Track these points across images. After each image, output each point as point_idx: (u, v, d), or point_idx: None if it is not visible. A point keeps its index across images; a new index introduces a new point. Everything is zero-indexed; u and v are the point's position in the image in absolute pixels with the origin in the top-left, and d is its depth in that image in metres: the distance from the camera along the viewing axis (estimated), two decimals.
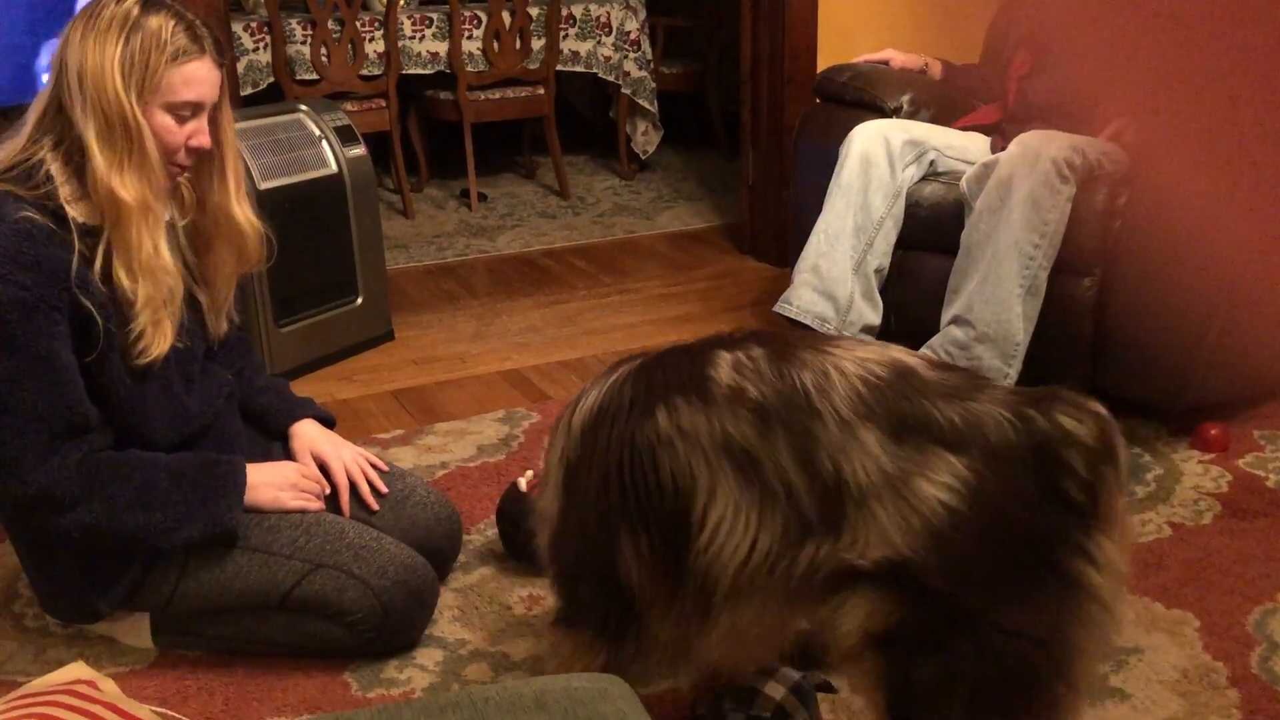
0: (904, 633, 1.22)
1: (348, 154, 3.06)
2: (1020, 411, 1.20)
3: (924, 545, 1.18)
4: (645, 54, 4.98)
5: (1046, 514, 1.18)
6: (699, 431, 1.27)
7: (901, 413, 1.21)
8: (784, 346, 1.31)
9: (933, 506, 1.18)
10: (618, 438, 1.33)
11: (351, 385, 3.00)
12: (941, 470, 1.18)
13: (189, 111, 1.70)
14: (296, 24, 4.25)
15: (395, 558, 1.85)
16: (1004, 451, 1.18)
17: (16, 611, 2.01)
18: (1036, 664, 1.20)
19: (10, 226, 1.60)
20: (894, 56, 3.12)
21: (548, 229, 4.43)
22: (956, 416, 1.20)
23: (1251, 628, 1.86)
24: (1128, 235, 2.41)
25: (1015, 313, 2.45)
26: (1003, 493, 1.18)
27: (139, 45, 1.64)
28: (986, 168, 2.54)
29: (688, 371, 1.31)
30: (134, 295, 1.67)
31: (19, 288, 1.59)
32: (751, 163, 3.87)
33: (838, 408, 1.23)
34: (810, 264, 2.75)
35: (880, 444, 1.20)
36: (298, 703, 1.76)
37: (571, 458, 1.39)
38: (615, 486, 1.33)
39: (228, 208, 1.83)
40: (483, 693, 1.03)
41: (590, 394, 1.40)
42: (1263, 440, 2.49)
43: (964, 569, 1.18)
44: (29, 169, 1.66)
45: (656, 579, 1.34)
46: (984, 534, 1.17)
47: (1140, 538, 2.14)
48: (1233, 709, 1.67)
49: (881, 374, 1.25)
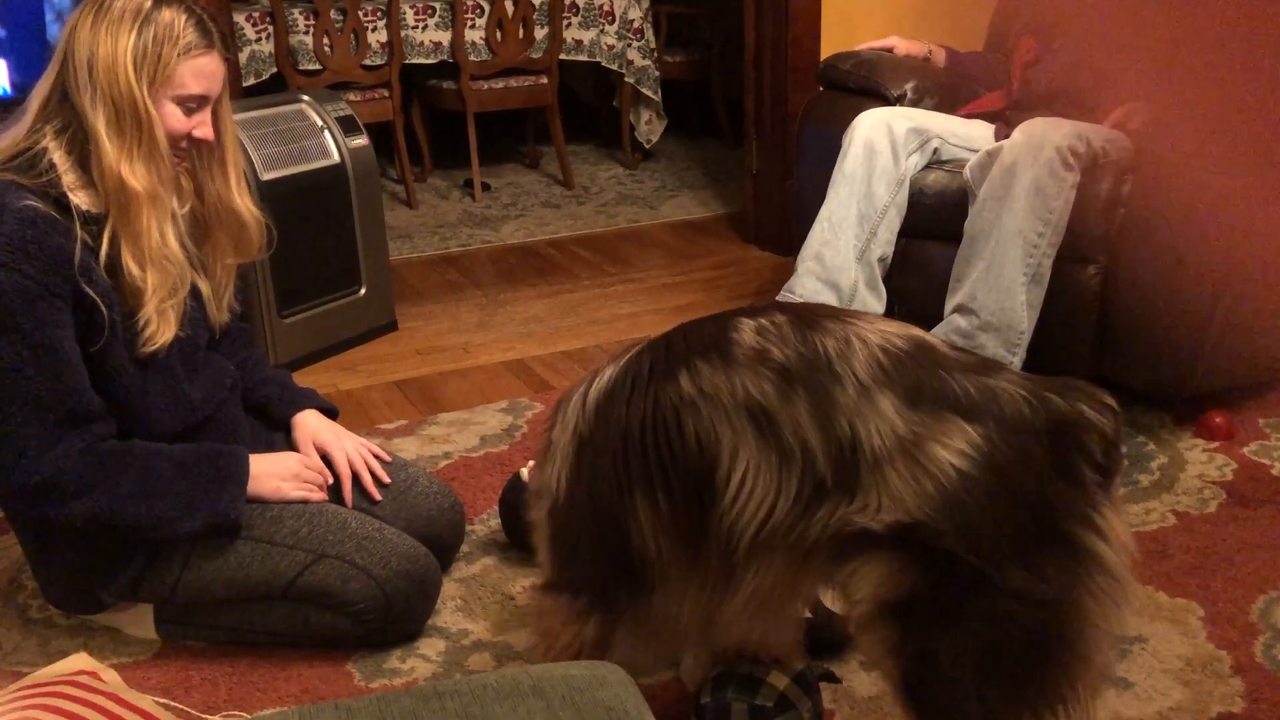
0: (917, 602, 1.23)
1: (350, 144, 3.05)
2: (1037, 393, 1.23)
3: (936, 508, 1.19)
4: (648, 42, 4.96)
5: (1058, 487, 1.20)
6: (720, 392, 1.27)
7: (919, 381, 1.23)
8: (808, 314, 1.32)
9: (945, 470, 1.19)
10: (638, 402, 1.32)
11: (355, 376, 3.00)
12: (956, 436, 1.20)
13: (195, 104, 1.73)
14: (299, 14, 4.25)
15: (398, 548, 1.85)
16: (1017, 424, 1.20)
17: (20, 603, 2.02)
18: (1045, 629, 1.20)
19: (13, 215, 1.61)
20: (897, 44, 3.11)
21: (551, 219, 4.43)
22: (973, 388, 1.22)
23: (1256, 616, 1.85)
24: (1132, 223, 2.40)
25: (1019, 301, 2.44)
26: (1014, 462, 1.19)
27: (152, 37, 1.66)
28: (990, 155, 2.53)
29: (710, 335, 1.32)
30: (143, 284, 1.69)
31: (22, 276, 1.59)
32: (755, 151, 3.86)
33: (857, 373, 1.24)
34: (814, 252, 2.74)
35: (896, 409, 1.22)
36: (300, 692, 1.77)
37: (584, 432, 1.38)
38: (636, 451, 1.32)
39: (228, 198, 1.84)
40: (481, 680, 1.03)
41: (606, 371, 1.40)
42: (1268, 428, 2.48)
43: (974, 532, 1.19)
44: (31, 158, 1.66)
45: (678, 543, 1.33)
46: (995, 499, 1.19)
47: (1145, 526, 2.13)
48: (1236, 697, 1.67)
49: (902, 345, 1.26)
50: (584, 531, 1.40)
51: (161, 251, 1.70)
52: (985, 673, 1.23)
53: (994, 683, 1.23)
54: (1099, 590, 1.21)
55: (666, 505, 1.31)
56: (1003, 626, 1.21)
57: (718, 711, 1.52)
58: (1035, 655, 1.22)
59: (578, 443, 1.39)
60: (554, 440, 1.44)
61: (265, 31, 4.18)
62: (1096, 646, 1.23)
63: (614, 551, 1.37)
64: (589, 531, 1.40)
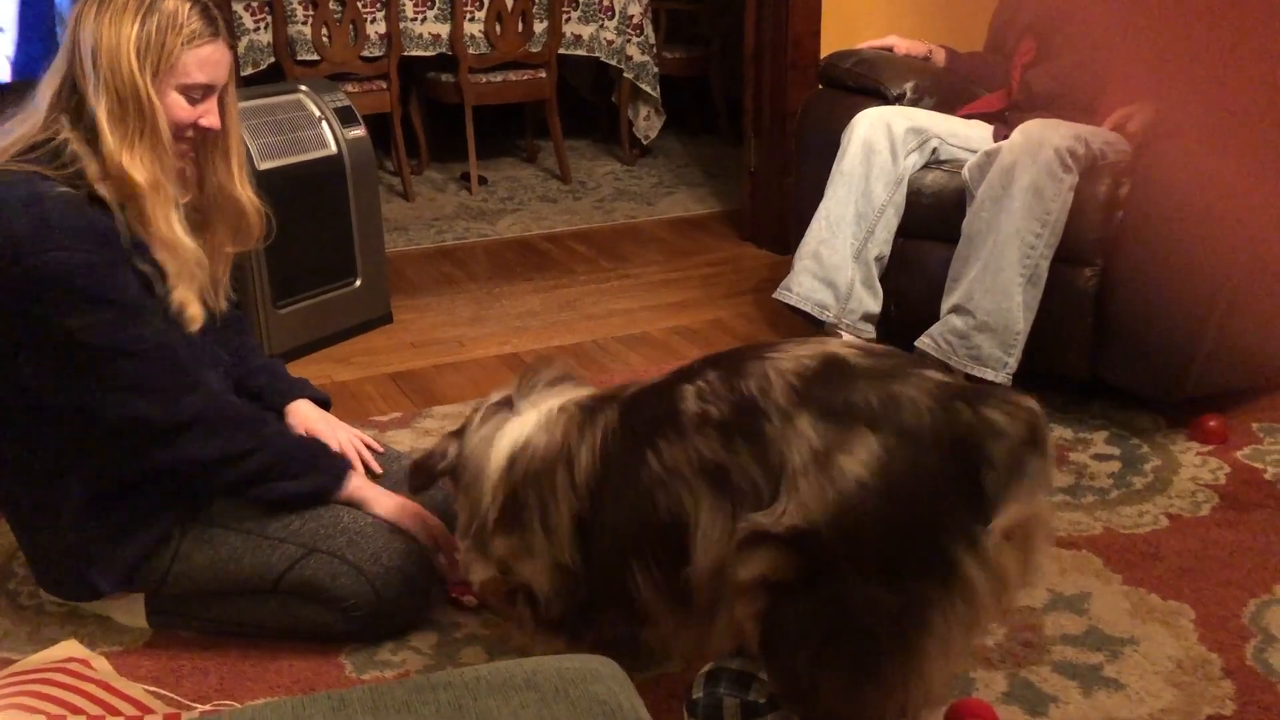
0: (788, 584, 1.33)
1: (348, 135, 3.05)
2: (945, 401, 1.28)
3: (832, 515, 1.27)
4: (648, 38, 4.96)
5: (948, 499, 1.25)
6: (680, 464, 1.40)
7: (829, 396, 1.31)
8: (733, 363, 1.43)
9: (848, 479, 1.27)
10: (624, 490, 1.46)
11: (349, 367, 3.00)
12: (859, 446, 1.27)
13: (200, 93, 1.72)
14: (298, 4, 4.24)
15: (390, 544, 1.84)
16: (915, 433, 1.26)
17: (11, 589, 2.01)
18: (882, 633, 1.28)
19: (54, 201, 1.62)
20: (897, 43, 3.11)
21: (548, 213, 4.42)
22: (875, 398, 1.29)
23: (1247, 620, 1.86)
24: (1129, 225, 2.40)
25: (1015, 302, 2.44)
26: (908, 473, 1.25)
27: (155, 26, 1.65)
28: (989, 156, 2.53)
29: (663, 410, 1.44)
30: (165, 268, 1.71)
31: (86, 254, 1.62)
32: (753, 149, 3.86)
33: (778, 402, 1.34)
34: (811, 251, 2.74)
35: (811, 424, 1.30)
36: (291, 683, 1.76)
37: (584, 516, 1.51)
38: (627, 533, 1.47)
39: (230, 187, 1.84)
40: (474, 672, 1.03)
41: (582, 456, 1.51)
42: (1261, 433, 2.49)
43: (855, 539, 1.27)
44: (54, 149, 1.66)
45: (672, 600, 1.47)
46: (884, 509, 1.25)
47: (1138, 528, 2.14)
48: (1227, 700, 1.67)
49: (813, 365, 1.36)
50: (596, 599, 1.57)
51: (171, 239, 1.71)
52: (823, 645, 1.33)
53: (829, 657, 1.33)
54: (954, 613, 1.26)
55: (658, 572, 1.46)
56: (846, 614, 1.29)
57: (710, 707, 1.52)
58: (868, 647, 1.30)
59: (579, 525, 1.52)
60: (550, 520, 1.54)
61: (264, 21, 4.17)
62: (938, 662, 1.29)
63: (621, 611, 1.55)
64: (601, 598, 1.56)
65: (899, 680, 1.31)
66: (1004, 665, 1.76)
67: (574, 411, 1.57)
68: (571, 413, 1.57)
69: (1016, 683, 1.72)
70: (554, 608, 1.62)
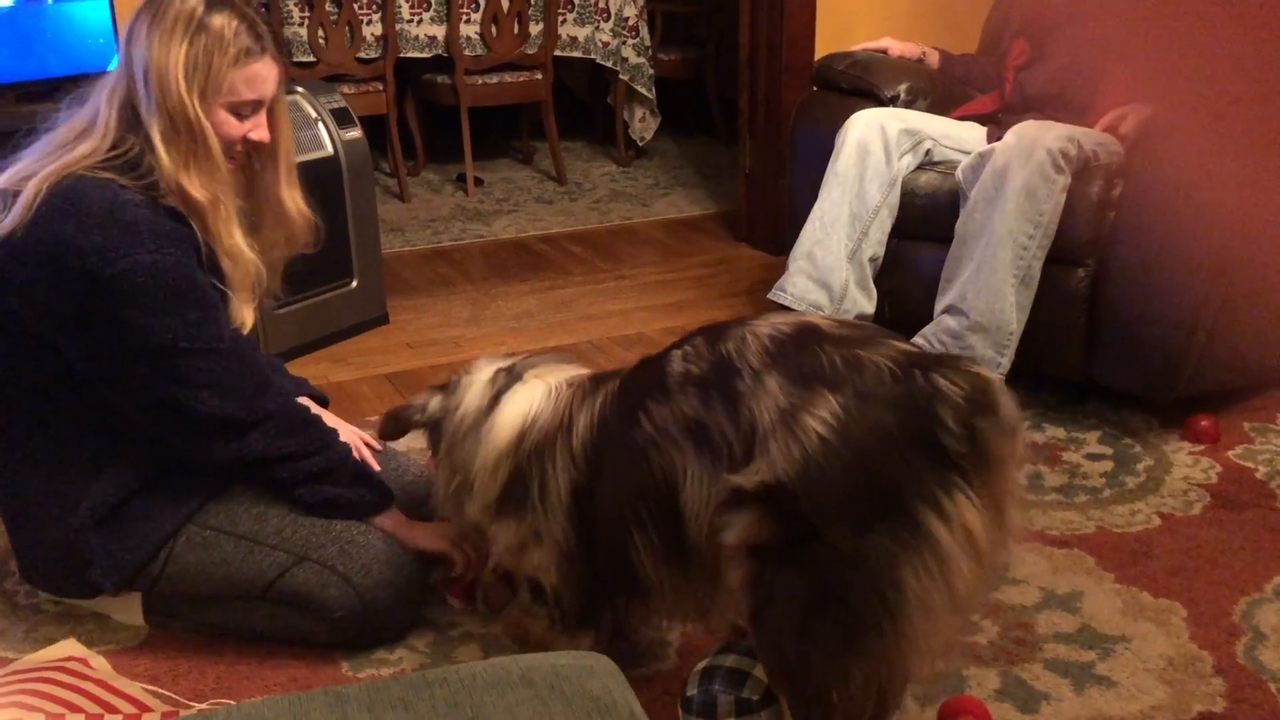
0: (770, 547, 1.35)
1: (344, 136, 3.05)
2: (904, 365, 1.32)
3: (797, 471, 1.30)
4: (643, 40, 4.97)
5: (908, 458, 1.28)
6: (668, 422, 1.45)
7: (798, 359, 1.36)
8: (718, 330, 1.48)
9: (811, 436, 1.30)
10: (618, 453, 1.49)
11: (345, 368, 3.00)
12: (821, 405, 1.31)
13: (250, 109, 1.74)
14: (294, 6, 4.24)
15: (381, 554, 1.84)
16: (874, 394, 1.30)
17: (8, 589, 2.02)
18: (860, 591, 1.29)
19: (136, 208, 1.65)
20: (892, 45, 3.12)
21: (544, 214, 4.43)
22: (839, 359, 1.33)
23: (1238, 617, 1.87)
24: (1122, 226, 2.41)
25: (1009, 302, 2.45)
26: (867, 431, 1.29)
27: (203, 47, 1.66)
28: (982, 157, 2.55)
29: (653, 375, 1.49)
30: (232, 277, 1.75)
31: (170, 255, 1.65)
32: (748, 150, 3.87)
33: (751, 362, 1.39)
34: (805, 251, 2.75)
35: (780, 385, 1.35)
36: (288, 681, 1.77)
37: (581, 483, 1.54)
38: (627, 498, 1.49)
39: (278, 194, 1.85)
40: (470, 669, 1.03)
41: (579, 423, 1.55)
42: (1253, 432, 2.50)
43: (820, 493, 1.30)
44: (131, 160, 1.68)
45: (674, 567, 1.50)
46: (845, 465, 1.29)
47: (1130, 527, 2.15)
48: (1218, 697, 1.68)
49: (788, 330, 1.41)
50: (597, 573, 1.58)
51: (235, 250, 1.74)
52: (807, 618, 1.34)
53: (814, 630, 1.34)
54: (925, 570, 1.27)
55: (658, 540, 1.49)
56: (825, 580, 1.32)
57: (704, 704, 1.53)
58: (849, 613, 1.31)
59: (576, 494, 1.55)
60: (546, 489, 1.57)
61: None
62: (919, 627, 1.29)
63: (625, 586, 1.56)
64: (603, 572, 1.57)
65: (883, 651, 1.32)
66: (996, 663, 1.77)
67: (580, 385, 1.61)
68: (577, 387, 1.60)
69: (1009, 680, 1.73)
70: (564, 598, 1.63)
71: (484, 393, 1.68)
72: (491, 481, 1.63)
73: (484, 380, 1.70)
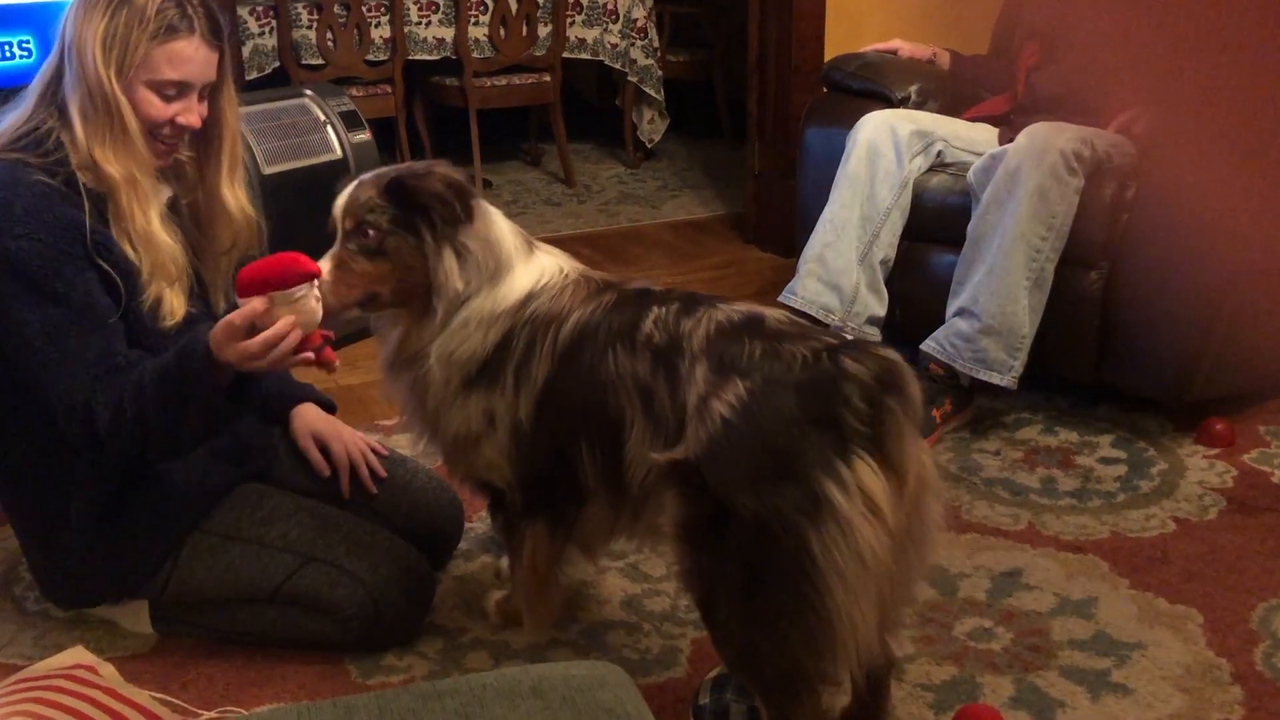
0: (694, 529, 1.44)
1: (353, 139, 3.05)
2: (818, 353, 1.40)
3: (704, 450, 1.40)
4: (652, 41, 4.96)
5: (807, 434, 1.36)
6: (626, 375, 1.53)
7: (727, 349, 1.44)
8: (692, 302, 1.54)
9: (716, 419, 1.40)
10: (587, 376, 1.56)
11: (355, 371, 2.99)
12: (729, 391, 1.40)
13: (174, 90, 1.68)
14: (302, 8, 4.24)
15: (389, 553, 1.83)
16: (780, 380, 1.39)
17: (17, 595, 2.01)
18: (778, 563, 1.36)
19: (26, 189, 1.62)
20: (902, 46, 3.11)
21: (552, 217, 4.42)
22: (759, 351, 1.42)
23: (1255, 624, 1.85)
24: (1135, 228, 2.39)
25: (1021, 305, 2.44)
26: (768, 412, 1.38)
27: (122, 21, 1.63)
28: (994, 159, 2.53)
29: (628, 321, 1.55)
30: (139, 263, 1.68)
31: (42, 244, 1.61)
32: (757, 152, 3.86)
33: (694, 347, 1.47)
34: (815, 254, 2.74)
35: (704, 375, 1.44)
36: (297, 689, 1.76)
37: (552, 381, 1.59)
38: (584, 415, 1.58)
39: (218, 189, 1.81)
40: (480, 679, 1.02)
41: (571, 318, 1.59)
42: (1269, 436, 2.48)
43: (723, 467, 1.39)
44: (38, 137, 1.66)
45: (607, 479, 1.59)
46: (745, 442, 1.39)
47: (1145, 532, 2.13)
48: (1235, 705, 1.67)
49: (737, 319, 1.48)
50: (546, 463, 1.64)
51: (146, 235, 1.68)
52: (745, 603, 1.41)
53: (753, 612, 1.41)
54: (830, 535, 1.33)
55: (600, 454, 1.58)
56: (748, 558, 1.38)
57: (716, 712, 1.52)
58: (776, 588, 1.37)
59: (546, 389, 1.60)
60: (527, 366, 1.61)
61: (269, 26, 4.17)
62: (840, 595, 1.34)
63: (564, 481, 1.64)
64: (549, 464, 1.64)
65: (817, 622, 1.36)
66: (1011, 670, 1.76)
67: (583, 280, 1.65)
68: (581, 281, 1.64)
69: (1024, 688, 1.72)
70: (518, 498, 1.69)
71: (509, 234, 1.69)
72: (481, 337, 1.61)
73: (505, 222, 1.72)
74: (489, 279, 1.62)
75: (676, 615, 1.91)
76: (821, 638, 1.37)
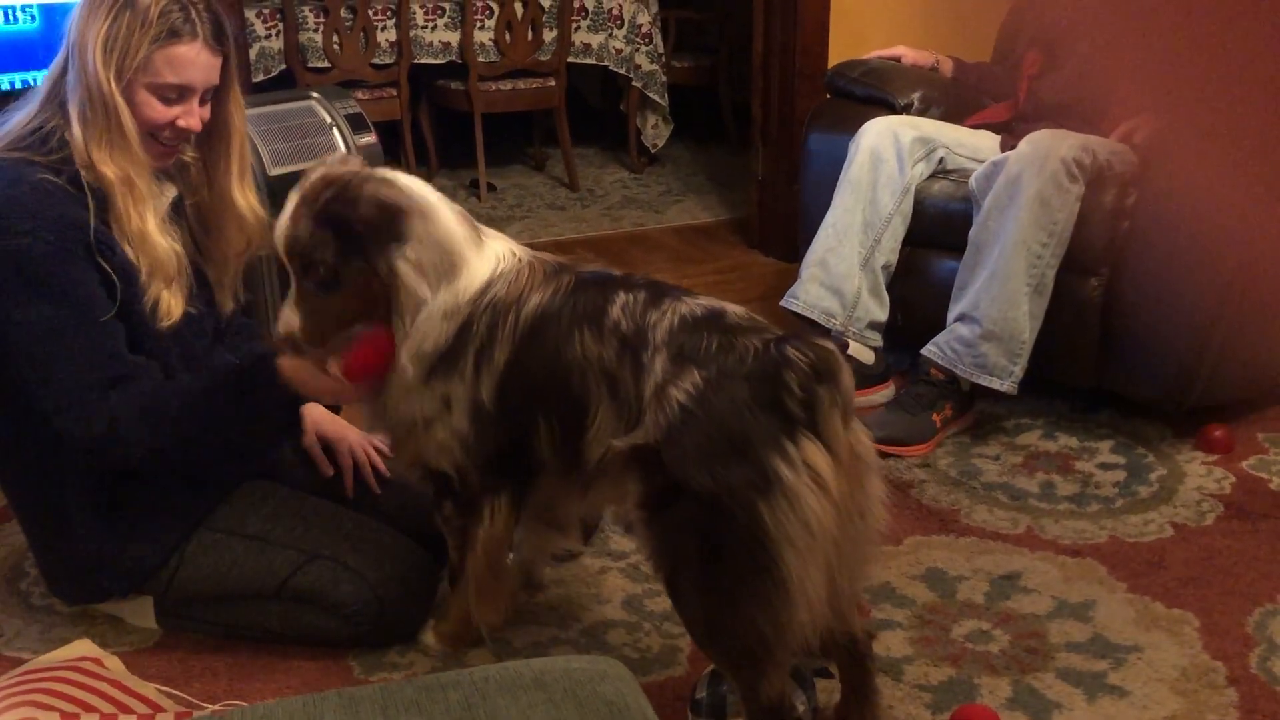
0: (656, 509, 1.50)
1: (358, 142, 3.05)
2: (767, 345, 1.47)
3: (662, 434, 1.47)
4: (656, 47, 4.98)
5: (758, 418, 1.44)
6: (592, 359, 1.56)
7: (686, 341, 1.50)
8: (660, 292, 1.59)
9: (673, 406, 1.47)
10: (550, 355, 1.59)
11: None
12: (686, 380, 1.47)
13: (175, 94, 1.69)
14: (309, 11, 4.26)
15: (393, 550, 1.85)
16: (731, 369, 1.47)
17: (23, 589, 2.03)
18: (733, 535, 1.43)
19: (29, 186, 1.63)
20: (905, 53, 3.12)
21: (556, 220, 4.44)
22: (715, 344, 1.49)
23: (1251, 628, 1.86)
24: (1136, 236, 2.41)
25: (1022, 311, 2.45)
26: (719, 398, 1.45)
27: (124, 24, 1.63)
28: (996, 166, 2.54)
29: (596, 304, 1.59)
30: (138, 264, 1.69)
31: (45, 242, 1.62)
32: (761, 157, 3.87)
33: (657, 338, 1.52)
34: (818, 259, 2.75)
35: (663, 365, 1.50)
36: (300, 684, 1.78)
37: (513, 359, 1.61)
38: (545, 392, 1.61)
39: (229, 191, 1.83)
40: (483, 672, 1.04)
41: (530, 300, 1.61)
42: (1267, 443, 2.49)
43: (680, 449, 1.46)
44: (43, 135, 1.68)
45: (562, 455, 1.63)
46: (700, 426, 1.45)
47: (1143, 537, 2.14)
48: (1231, 708, 1.68)
49: (699, 313, 1.54)
50: (507, 440, 1.67)
51: (142, 236, 1.69)
52: (704, 576, 1.48)
53: (713, 585, 1.47)
54: (780, 507, 1.41)
55: (559, 430, 1.61)
56: (705, 532, 1.46)
57: (714, 706, 1.54)
58: (733, 559, 1.44)
59: (508, 369, 1.62)
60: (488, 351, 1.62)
61: (275, 28, 4.20)
62: (793, 567, 1.41)
63: (520, 454, 1.67)
64: (505, 440, 1.67)
65: (772, 587, 1.42)
66: (1008, 672, 1.77)
67: (537, 264, 1.66)
68: (536, 265, 1.65)
69: (1021, 689, 1.73)
70: (471, 479, 1.70)
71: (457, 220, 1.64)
72: (444, 328, 1.61)
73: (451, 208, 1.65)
74: (445, 276, 1.60)
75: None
76: (777, 602, 1.43)
